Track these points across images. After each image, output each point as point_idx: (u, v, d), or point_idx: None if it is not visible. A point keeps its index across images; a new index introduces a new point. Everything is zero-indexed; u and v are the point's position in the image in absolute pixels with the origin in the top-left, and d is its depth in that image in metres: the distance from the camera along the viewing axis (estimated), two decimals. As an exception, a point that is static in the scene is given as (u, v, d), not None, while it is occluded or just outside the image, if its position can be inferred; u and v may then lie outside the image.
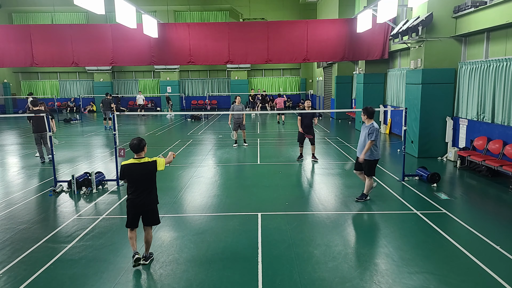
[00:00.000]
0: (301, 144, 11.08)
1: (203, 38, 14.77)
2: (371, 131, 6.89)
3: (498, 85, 9.27)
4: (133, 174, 4.75)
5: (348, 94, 21.72)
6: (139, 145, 4.76)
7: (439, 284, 4.42)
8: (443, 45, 10.75)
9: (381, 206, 7.17)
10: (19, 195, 8.10)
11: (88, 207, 7.29)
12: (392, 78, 15.91)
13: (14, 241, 5.76)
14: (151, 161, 4.82)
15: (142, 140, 4.81)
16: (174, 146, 13.63)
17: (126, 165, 4.79)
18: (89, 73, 31.45)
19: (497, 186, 8.30)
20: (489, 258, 5.00)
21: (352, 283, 4.50)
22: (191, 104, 31.38)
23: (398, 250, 5.27)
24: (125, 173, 4.78)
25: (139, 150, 4.79)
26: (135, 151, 4.80)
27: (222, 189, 8.42)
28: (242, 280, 4.59)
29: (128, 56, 14.99)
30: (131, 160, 4.82)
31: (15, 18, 30.48)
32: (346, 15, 19.44)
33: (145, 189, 4.80)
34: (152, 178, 4.85)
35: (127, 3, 11.77)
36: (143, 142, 4.82)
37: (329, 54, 14.97)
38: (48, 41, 14.63)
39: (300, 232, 5.95)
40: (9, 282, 4.61)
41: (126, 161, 4.84)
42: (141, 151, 4.80)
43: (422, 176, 8.64)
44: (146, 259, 5.03)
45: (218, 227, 6.22)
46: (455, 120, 10.93)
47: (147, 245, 5.06)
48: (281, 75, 32.26)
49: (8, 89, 30.11)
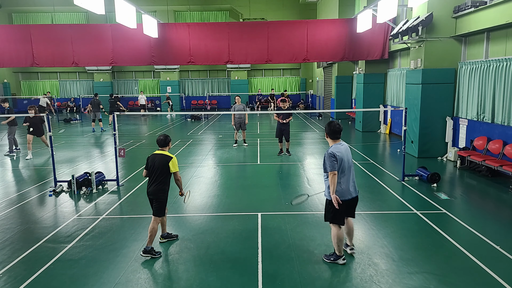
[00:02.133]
0: (280, 140, 11.65)
1: (203, 38, 14.77)
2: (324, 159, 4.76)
3: (498, 85, 9.26)
4: (154, 162, 5.28)
5: (348, 94, 21.72)
6: (164, 140, 5.39)
7: (439, 284, 4.42)
8: (443, 45, 10.75)
9: (381, 206, 7.17)
10: (19, 195, 8.10)
11: (88, 207, 7.29)
12: (392, 78, 15.91)
13: (14, 241, 5.77)
14: (169, 155, 5.32)
15: (167, 137, 5.43)
16: (174, 146, 13.62)
17: (151, 156, 5.37)
18: (89, 73, 31.46)
19: (497, 186, 8.30)
20: (489, 258, 5.00)
21: (352, 283, 4.50)
22: (191, 104, 31.38)
23: (398, 250, 5.27)
24: (149, 161, 5.32)
25: (165, 145, 5.40)
26: (161, 146, 5.38)
27: (222, 189, 8.42)
28: (242, 280, 4.59)
29: (128, 56, 14.99)
30: (156, 151, 5.39)
31: (15, 18, 30.48)
32: (346, 15, 19.44)
33: (157, 178, 5.24)
34: (165, 169, 5.24)
35: (127, 3, 11.77)
36: (168, 138, 5.44)
37: (329, 54, 14.97)
38: (48, 41, 14.64)
39: (300, 232, 5.95)
40: (9, 282, 4.61)
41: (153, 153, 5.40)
42: (165, 146, 5.41)
43: (422, 176, 8.64)
44: (144, 251, 5.13)
45: (218, 227, 6.22)
46: (455, 120, 10.93)
47: (149, 236, 5.21)
48: (281, 75, 32.26)
49: (8, 89, 30.12)
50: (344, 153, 4.75)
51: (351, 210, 5.00)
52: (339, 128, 4.81)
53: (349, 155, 4.85)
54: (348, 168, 4.79)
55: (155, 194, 5.27)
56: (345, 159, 4.73)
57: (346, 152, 4.80)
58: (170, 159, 5.24)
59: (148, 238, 5.20)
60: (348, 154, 4.84)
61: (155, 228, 5.25)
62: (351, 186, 4.83)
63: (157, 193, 5.26)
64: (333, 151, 4.68)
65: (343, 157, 4.71)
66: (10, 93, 30.06)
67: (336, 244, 4.87)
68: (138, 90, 31.61)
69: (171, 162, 5.23)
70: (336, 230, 4.85)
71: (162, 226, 5.63)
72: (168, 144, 5.43)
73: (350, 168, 4.83)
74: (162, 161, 5.22)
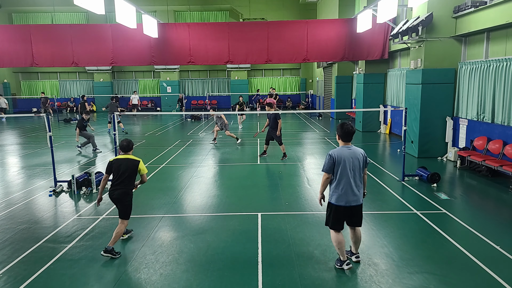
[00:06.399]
0: (267, 143, 11.56)
1: (203, 38, 14.77)
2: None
3: (498, 85, 9.26)
4: (120, 166, 5.33)
5: (348, 94, 21.71)
6: (128, 145, 5.50)
7: (439, 284, 4.42)
8: (443, 45, 10.75)
9: (381, 206, 7.17)
10: (19, 195, 8.10)
11: (88, 207, 7.29)
12: (392, 78, 15.91)
13: (14, 241, 5.77)
14: (136, 159, 5.44)
15: (130, 142, 5.58)
16: (174, 146, 13.63)
17: (114, 160, 5.40)
18: (89, 73, 31.45)
19: (497, 186, 8.30)
20: (489, 258, 5.00)
21: (352, 283, 4.50)
22: (191, 104, 31.38)
23: (398, 250, 5.27)
24: (113, 166, 5.34)
25: (128, 149, 5.51)
26: (124, 151, 5.50)
27: (222, 189, 8.42)
28: (242, 280, 4.59)
29: (128, 56, 14.99)
30: (118, 156, 5.49)
31: (15, 18, 30.47)
32: (346, 15, 19.44)
33: (123, 181, 5.32)
34: (133, 173, 5.39)
35: (127, 3, 11.77)
36: (131, 143, 5.58)
37: (329, 54, 14.97)
38: (48, 41, 14.63)
39: (300, 232, 5.95)
40: (9, 282, 4.62)
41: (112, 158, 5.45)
42: (129, 151, 5.52)
43: (422, 176, 8.64)
44: (105, 251, 5.15)
45: (218, 227, 6.22)
46: (455, 120, 10.93)
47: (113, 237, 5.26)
48: (281, 75, 32.25)
49: (8, 89, 30.11)
50: (347, 157, 4.58)
51: (354, 220, 4.80)
52: (352, 131, 4.66)
53: (354, 159, 4.61)
54: (351, 173, 4.59)
55: (122, 198, 5.31)
56: (347, 163, 4.57)
57: (351, 156, 4.60)
58: (138, 163, 5.39)
59: (112, 239, 5.24)
60: (354, 158, 4.61)
61: (122, 230, 5.34)
62: (351, 193, 4.61)
63: (124, 197, 5.32)
64: (334, 153, 4.60)
65: (345, 160, 4.56)
66: (10, 93, 30.06)
67: (336, 249, 4.78)
68: (138, 90, 31.61)
69: (141, 165, 5.41)
70: (333, 234, 4.78)
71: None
72: (132, 149, 5.56)
73: (354, 174, 4.61)
74: (130, 165, 5.33)
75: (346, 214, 4.71)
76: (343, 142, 4.72)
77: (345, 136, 4.68)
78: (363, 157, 4.71)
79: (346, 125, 4.68)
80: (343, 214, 4.70)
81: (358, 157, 4.66)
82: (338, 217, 4.70)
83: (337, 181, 4.62)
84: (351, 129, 4.65)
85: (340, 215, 4.70)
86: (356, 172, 4.65)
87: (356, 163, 4.64)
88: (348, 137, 4.68)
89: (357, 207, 4.73)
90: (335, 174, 4.62)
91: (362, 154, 4.72)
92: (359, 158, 4.67)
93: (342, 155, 4.59)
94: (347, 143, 4.71)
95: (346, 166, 4.59)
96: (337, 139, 4.80)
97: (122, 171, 5.29)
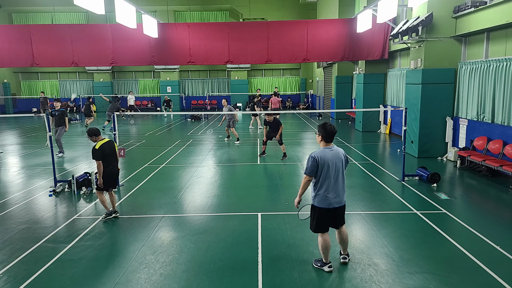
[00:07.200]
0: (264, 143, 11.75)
1: (203, 38, 14.77)
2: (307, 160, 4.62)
3: (498, 85, 9.26)
4: (109, 148, 6.50)
5: (348, 94, 21.72)
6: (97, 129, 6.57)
7: (439, 284, 4.42)
8: (443, 45, 10.75)
9: (381, 206, 7.17)
10: (19, 195, 8.10)
11: (88, 207, 7.29)
12: (392, 78, 15.91)
13: (14, 241, 5.77)
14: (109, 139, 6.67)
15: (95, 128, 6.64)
16: (174, 146, 13.63)
17: (101, 146, 6.35)
18: (89, 73, 31.44)
19: (497, 186, 8.30)
20: (489, 258, 4.99)
21: (352, 283, 4.50)
22: (191, 104, 31.38)
23: (398, 250, 5.27)
24: (104, 150, 6.38)
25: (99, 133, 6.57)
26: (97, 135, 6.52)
27: (222, 189, 8.42)
28: (242, 280, 4.59)
29: (128, 56, 14.99)
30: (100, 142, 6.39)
31: (15, 18, 30.47)
32: (346, 15, 19.44)
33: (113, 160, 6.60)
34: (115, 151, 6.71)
35: (127, 3, 11.77)
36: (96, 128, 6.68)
37: (329, 54, 14.97)
38: (48, 41, 14.63)
39: (300, 232, 5.95)
40: (9, 282, 4.62)
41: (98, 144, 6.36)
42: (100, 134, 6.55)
43: (422, 176, 8.64)
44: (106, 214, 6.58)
45: (218, 227, 6.22)
46: (455, 120, 10.93)
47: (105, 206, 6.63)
48: (281, 75, 32.25)
49: (8, 89, 30.11)
50: (331, 159, 4.50)
51: (337, 220, 4.73)
52: (335, 131, 4.55)
53: (337, 161, 4.55)
54: (334, 175, 4.53)
55: (118, 171, 6.90)
56: (330, 165, 4.49)
57: (333, 157, 4.53)
58: (113, 142, 6.70)
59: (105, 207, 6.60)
60: (337, 159, 4.55)
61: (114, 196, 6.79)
62: (334, 195, 4.56)
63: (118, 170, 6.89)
64: (317, 156, 4.48)
65: (328, 162, 4.48)
66: (10, 93, 30.06)
67: (320, 251, 4.73)
68: (138, 90, 31.60)
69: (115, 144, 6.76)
70: (319, 238, 4.72)
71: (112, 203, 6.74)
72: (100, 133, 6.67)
73: (337, 175, 4.55)
74: (111, 146, 6.59)
75: (329, 216, 4.66)
76: (325, 143, 4.61)
77: (328, 137, 4.57)
78: (344, 157, 4.69)
79: (329, 125, 4.56)
80: (326, 216, 4.64)
81: (341, 157, 4.63)
82: (321, 219, 4.64)
83: (320, 183, 4.55)
84: (334, 130, 4.55)
85: (323, 217, 4.64)
86: (340, 173, 4.60)
87: (339, 164, 4.59)
88: (331, 137, 4.59)
89: (340, 208, 4.69)
90: (318, 177, 4.54)
91: (343, 154, 4.69)
92: (342, 158, 4.64)
93: (325, 157, 4.50)
94: (329, 143, 4.62)
95: (329, 168, 4.51)
96: (318, 140, 4.67)
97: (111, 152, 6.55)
